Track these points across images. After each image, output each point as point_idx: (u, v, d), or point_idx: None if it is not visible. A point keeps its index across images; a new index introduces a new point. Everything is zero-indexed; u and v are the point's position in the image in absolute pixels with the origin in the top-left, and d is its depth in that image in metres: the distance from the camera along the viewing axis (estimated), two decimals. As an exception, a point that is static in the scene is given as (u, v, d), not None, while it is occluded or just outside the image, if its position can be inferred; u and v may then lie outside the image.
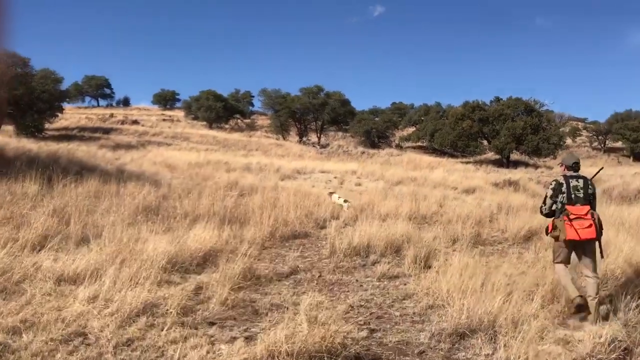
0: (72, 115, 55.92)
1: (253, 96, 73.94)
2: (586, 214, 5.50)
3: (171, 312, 5.42)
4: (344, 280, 7.50)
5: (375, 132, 51.09)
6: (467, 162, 41.77)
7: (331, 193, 15.41)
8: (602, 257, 5.85)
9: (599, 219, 5.59)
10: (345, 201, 13.77)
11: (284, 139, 52.12)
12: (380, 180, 22.80)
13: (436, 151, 51.27)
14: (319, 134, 53.18)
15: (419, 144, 56.80)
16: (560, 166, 6.15)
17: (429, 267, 7.78)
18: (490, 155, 46.88)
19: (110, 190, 13.81)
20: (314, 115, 52.64)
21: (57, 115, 42.48)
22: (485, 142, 46.60)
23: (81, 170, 16.88)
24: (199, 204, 12.81)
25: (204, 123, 57.76)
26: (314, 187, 19.12)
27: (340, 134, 58.38)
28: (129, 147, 33.31)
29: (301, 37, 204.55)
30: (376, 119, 57.38)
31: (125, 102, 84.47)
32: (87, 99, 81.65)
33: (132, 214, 11.33)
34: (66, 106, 52.46)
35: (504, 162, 42.24)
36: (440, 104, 70.63)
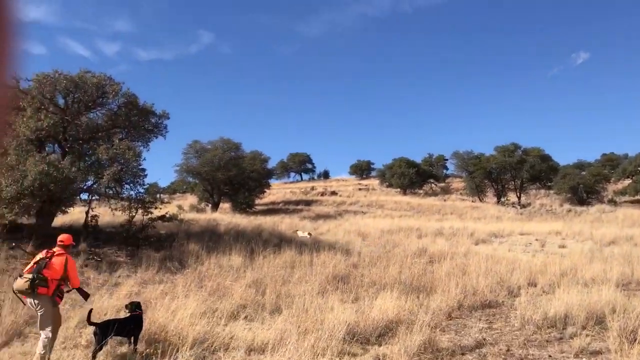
0: (278, 190, 60.91)
1: (446, 159, 73.28)
2: None
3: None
4: (535, 355, 6.84)
5: (583, 187, 46.78)
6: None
7: (296, 231, 14.45)
8: None
9: None
10: (309, 234, 12.76)
11: (480, 200, 50.42)
12: (588, 241, 20.69)
13: (660, 205, 45.03)
14: (518, 194, 50.40)
15: (638, 197, 50.51)
16: None
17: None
18: None
19: (304, 260, 14.54)
20: (511, 174, 50.24)
21: (265, 191, 46.76)
22: None
23: (280, 242, 18.15)
24: (386, 272, 12.87)
25: (398, 190, 58.57)
26: (510, 251, 18.07)
27: (542, 192, 54.68)
28: (327, 217, 35.02)
29: (494, 93, 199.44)
30: (583, 173, 52.64)
31: (325, 175, 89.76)
32: (292, 174, 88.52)
33: (322, 283, 11.74)
34: (273, 182, 57.57)
35: None
36: (660, 151, 62.54)
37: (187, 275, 12.63)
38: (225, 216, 30.25)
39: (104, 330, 6.80)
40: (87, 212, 17.64)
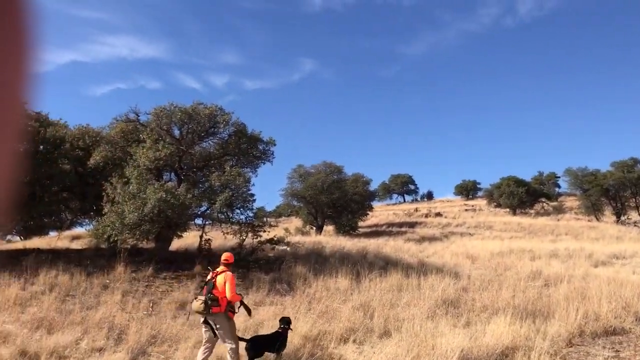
0: (380, 212, 60.66)
1: (558, 177, 69.46)
2: None
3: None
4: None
5: None
6: None
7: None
8: None
9: None
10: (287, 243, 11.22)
11: (597, 219, 47.17)
12: None
13: None
14: (641, 212, 46.69)
15: None
16: None
17: None
18: None
19: (412, 284, 14.31)
20: (632, 191, 46.68)
21: (368, 214, 46.71)
22: None
23: (386, 265, 18.00)
24: (498, 295, 12.37)
25: (507, 210, 56.27)
26: (635, 274, 16.70)
27: (669, 209, 50.25)
28: (432, 239, 34.32)
29: (609, 106, 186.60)
30: None
31: (429, 196, 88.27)
32: (394, 196, 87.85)
33: (431, 307, 11.48)
34: (375, 204, 57.44)
35: None
36: None
37: (296, 298, 12.85)
38: (329, 239, 30.53)
39: (255, 345, 7.53)
40: (201, 236, 18.53)
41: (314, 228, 42.07)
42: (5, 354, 7.92)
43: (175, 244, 20.86)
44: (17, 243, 38.68)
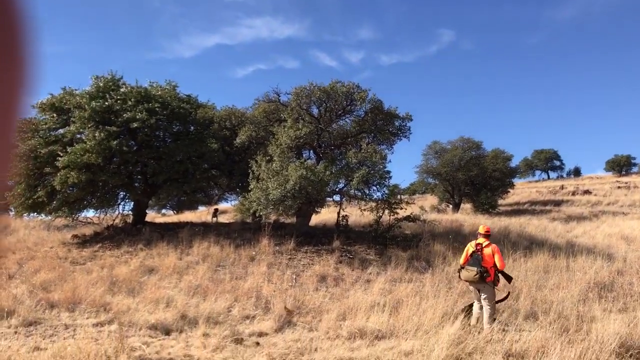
0: (522, 190, 57.71)
1: None
2: None
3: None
4: None
5: None
6: None
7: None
8: None
9: None
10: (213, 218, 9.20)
11: None
12: None
13: None
14: None
15: None
16: None
17: None
18: None
19: (560, 265, 13.56)
20: None
21: (509, 191, 44.63)
22: None
23: (530, 245, 17.16)
24: (660, 281, 11.31)
25: (669, 187, 50.85)
26: None
27: None
28: (580, 218, 32.02)
29: None
30: None
31: (576, 173, 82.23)
32: (537, 172, 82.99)
33: (582, 290, 10.84)
34: (517, 182, 54.71)
35: None
36: None
37: (435, 276, 12.72)
38: (467, 217, 29.71)
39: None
40: (338, 213, 18.97)
41: (450, 206, 41.14)
42: (168, 317, 8.76)
43: (314, 219, 21.55)
44: (172, 216, 42.37)
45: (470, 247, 8.89)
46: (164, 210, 52.30)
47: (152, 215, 37.56)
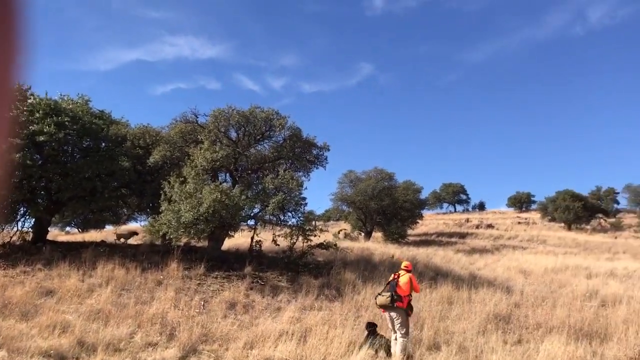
0: (430, 221, 59.92)
1: (617, 193, 66.90)
2: None
3: None
4: None
5: None
6: None
7: None
8: None
9: None
10: None
11: (660, 239, 45.13)
12: None
13: None
14: None
15: None
16: None
17: None
18: None
19: (462, 297, 14.09)
20: (699, 211, 44.51)
21: (418, 222, 46.20)
22: None
23: (436, 276, 17.77)
24: (552, 313, 12.06)
25: (562, 224, 54.58)
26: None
27: None
28: (483, 251, 33.61)
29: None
30: None
31: (481, 207, 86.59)
32: (445, 205, 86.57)
33: (482, 321, 11.29)
34: (426, 213, 56.75)
35: None
36: None
37: (345, 304, 12.85)
38: (378, 245, 30.36)
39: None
40: (252, 238, 18.79)
41: (363, 234, 41.94)
42: (64, 344, 8.25)
43: (228, 244, 21.21)
44: (76, 235, 40.25)
45: (391, 277, 9.67)
46: (68, 228, 49.61)
47: (54, 233, 35.51)
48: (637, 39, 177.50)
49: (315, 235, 17.75)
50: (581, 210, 53.47)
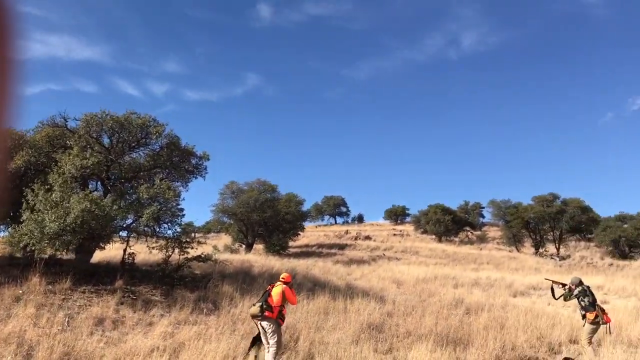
0: (312, 233, 60.80)
1: (483, 207, 72.15)
2: None
3: None
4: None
5: (625, 240, 45.31)
6: None
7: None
8: None
9: None
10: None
11: (518, 251, 49.32)
12: (632, 297, 19.93)
13: None
14: (557, 245, 49.12)
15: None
16: None
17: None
18: None
19: (338, 307, 14.37)
20: (550, 225, 49.19)
21: (299, 234, 46.75)
22: None
23: (314, 287, 18.00)
24: (421, 322, 12.62)
25: (433, 236, 57.89)
26: (550, 305, 17.48)
27: (582, 243, 53.20)
28: (360, 262, 34.66)
29: (535, 141, 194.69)
30: (625, 225, 51.04)
31: (360, 219, 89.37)
32: (326, 217, 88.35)
33: (356, 331, 11.56)
34: (307, 225, 57.55)
35: None
36: None
37: (221, 318, 12.61)
38: (258, 258, 30.22)
39: None
40: (124, 250, 17.89)
41: (244, 246, 41.60)
42: None
43: (98, 257, 20.03)
44: None
45: (267, 288, 9.67)
46: None
47: None
48: (505, 64, 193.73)
49: (192, 248, 17.29)
50: (450, 223, 57.09)
